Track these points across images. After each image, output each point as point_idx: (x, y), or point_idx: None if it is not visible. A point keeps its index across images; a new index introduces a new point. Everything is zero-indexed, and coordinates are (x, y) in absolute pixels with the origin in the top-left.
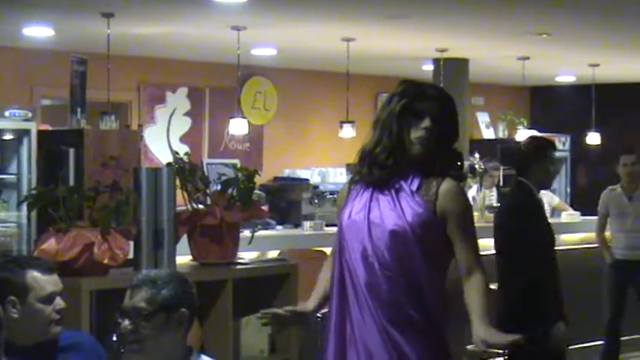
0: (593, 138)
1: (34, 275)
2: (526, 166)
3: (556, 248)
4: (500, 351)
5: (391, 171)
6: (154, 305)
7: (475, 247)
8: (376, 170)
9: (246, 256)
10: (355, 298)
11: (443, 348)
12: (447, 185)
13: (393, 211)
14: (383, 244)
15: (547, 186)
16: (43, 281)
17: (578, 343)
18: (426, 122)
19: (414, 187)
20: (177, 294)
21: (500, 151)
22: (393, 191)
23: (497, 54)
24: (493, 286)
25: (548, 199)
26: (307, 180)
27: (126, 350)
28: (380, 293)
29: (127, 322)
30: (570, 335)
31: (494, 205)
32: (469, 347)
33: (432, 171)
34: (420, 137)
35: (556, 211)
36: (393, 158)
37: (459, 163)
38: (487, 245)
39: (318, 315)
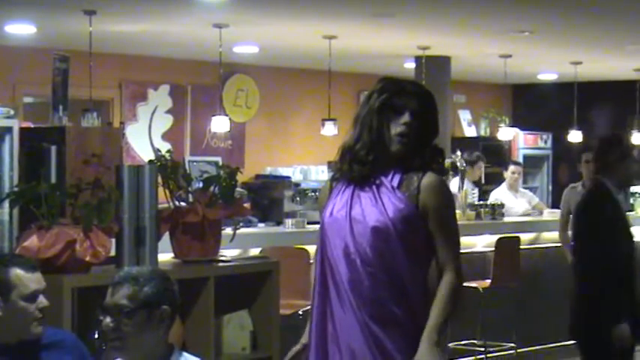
0: (575, 136)
1: (18, 273)
2: (609, 164)
3: (540, 246)
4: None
5: (372, 167)
6: (136, 302)
7: (452, 243)
8: (356, 167)
9: (228, 253)
10: (337, 295)
11: None
12: (428, 179)
13: (375, 208)
14: (365, 240)
15: (630, 184)
16: (26, 279)
17: (560, 342)
18: (406, 117)
19: (395, 182)
20: (158, 291)
21: (482, 148)
22: (374, 187)
23: (479, 52)
24: (475, 284)
25: (528, 198)
26: (289, 178)
27: (107, 347)
28: (362, 290)
29: (108, 320)
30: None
31: (476, 202)
32: (450, 345)
33: (413, 166)
34: (400, 132)
35: (536, 209)
36: (374, 154)
37: (440, 159)
38: (469, 243)
39: (300, 312)
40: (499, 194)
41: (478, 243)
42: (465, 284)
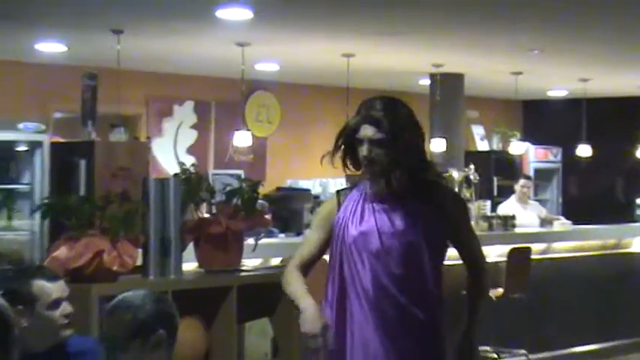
0: (584, 150)
1: (40, 284)
2: None
3: (551, 256)
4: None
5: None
6: (129, 331)
7: (478, 243)
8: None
9: (250, 263)
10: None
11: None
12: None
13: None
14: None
15: None
16: (48, 289)
17: (568, 348)
18: (364, 150)
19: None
20: (153, 315)
21: (494, 162)
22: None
23: (492, 69)
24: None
25: (537, 211)
26: (309, 190)
27: None
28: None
29: (104, 352)
30: None
31: (488, 214)
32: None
33: (402, 180)
34: (363, 157)
35: (545, 222)
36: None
37: (429, 170)
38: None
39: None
40: (507, 207)
41: (491, 253)
42: None
